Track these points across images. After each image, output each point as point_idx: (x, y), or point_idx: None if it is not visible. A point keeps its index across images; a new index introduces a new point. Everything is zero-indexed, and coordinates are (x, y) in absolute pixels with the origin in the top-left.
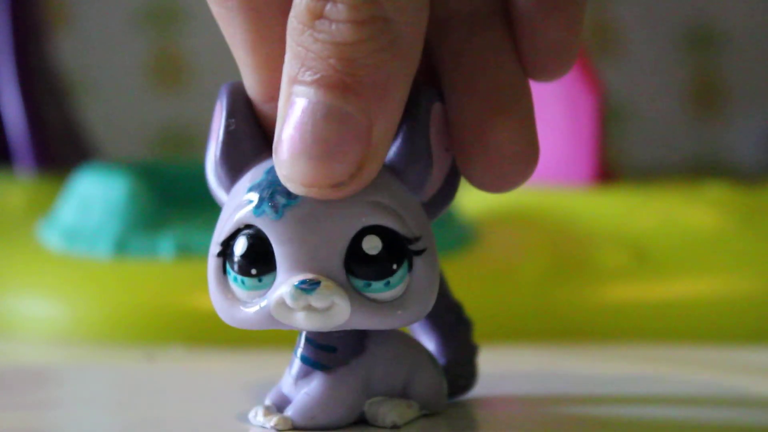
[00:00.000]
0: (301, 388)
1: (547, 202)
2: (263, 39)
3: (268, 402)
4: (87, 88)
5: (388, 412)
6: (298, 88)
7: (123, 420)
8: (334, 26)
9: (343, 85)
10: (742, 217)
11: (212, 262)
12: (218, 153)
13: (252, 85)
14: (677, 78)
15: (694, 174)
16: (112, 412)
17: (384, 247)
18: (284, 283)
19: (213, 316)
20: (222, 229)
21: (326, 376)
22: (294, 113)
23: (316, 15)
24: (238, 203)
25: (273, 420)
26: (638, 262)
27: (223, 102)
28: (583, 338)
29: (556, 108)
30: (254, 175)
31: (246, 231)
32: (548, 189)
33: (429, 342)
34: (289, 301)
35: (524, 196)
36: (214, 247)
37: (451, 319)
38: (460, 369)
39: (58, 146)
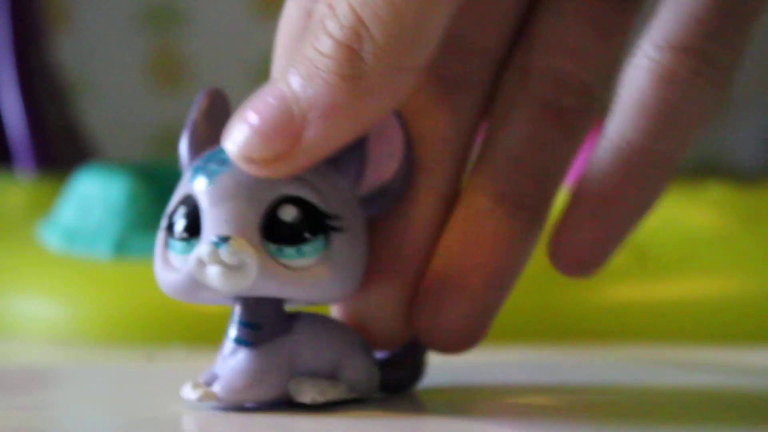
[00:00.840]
0: (226, 365)
1: None
2: None
3: (200, 379)
4: (87, 88)
5: (309, 389)
6: (283, 73)
7: (123, 420)
8: (323, 36)
9: (303, 88)
10: (742, 217)
11: (159, 236)
12: (185, 146)
13: None
14: None
15: (694, 174)
16: (112, 412)
17: (300, 217)
18: (204, 242)
19: (213, 316)
20: (169, 205)
21: (250, 352)
22: (265, 89)
23: (320, 20)
24: (185, 181)
25: (199, 392)
26: (638, 262)
27: (198, 101)
28: (583, 338)
29: None
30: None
31: (185, 201)
32: None
33: None
34: (203, 256)
35: None
36: (163, 222)
37: None
38: (396, 363)
39: (58, 146)
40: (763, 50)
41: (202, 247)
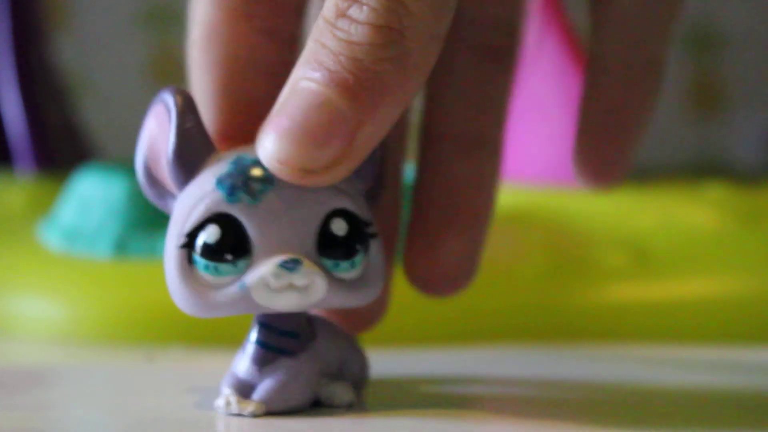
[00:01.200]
0: (266, 374)
1: (547, 202)
2: (233, 91)
3: (227, 389)
4: (87, 88)
5: (343, 393)
6: (305, 77)
7: (123, 420)
8: (353, 26)
9: (346, 83)
10: (742, 217)
11: (174, 254)
12: (173, 151)
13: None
14: (677, 78)
15: (694, 174)
16: (112, 412)
17: (349, 229)
18: (265, 264)
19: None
20: (186, 221)
21: (293, 361)
22: (293, 96)
23: (341, 14)
24: (202, 194)
25: (250, 407)
26: (638, 262)
27: (172, 102)
28: (583, 338)
29: (554, 108)
30: (218, 168)
31: (217, 219)
32: (548, 189)
33: None
34: (272, 280)
35: (524, 196)
36: (178, 239)
37: None
38: None
39: (58, 146)
40: (764, 50)
41: (269, 270)
